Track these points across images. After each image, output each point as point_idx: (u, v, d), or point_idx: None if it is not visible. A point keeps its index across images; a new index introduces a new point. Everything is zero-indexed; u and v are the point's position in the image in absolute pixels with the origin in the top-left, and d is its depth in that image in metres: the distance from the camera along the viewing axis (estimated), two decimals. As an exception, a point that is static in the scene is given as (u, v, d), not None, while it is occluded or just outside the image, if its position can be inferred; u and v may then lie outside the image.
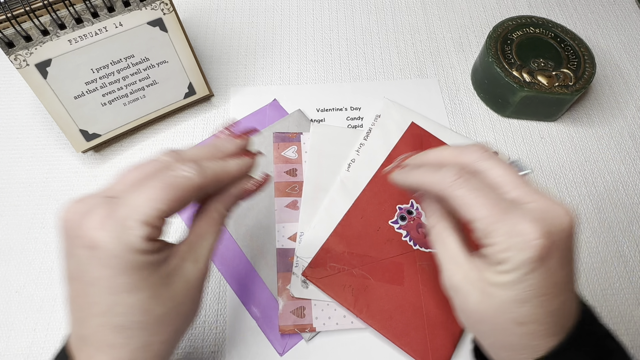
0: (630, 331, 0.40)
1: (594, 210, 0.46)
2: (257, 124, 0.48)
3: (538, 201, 0.25)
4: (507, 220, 0.24)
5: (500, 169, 0.26)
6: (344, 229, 0.42)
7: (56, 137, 0.47)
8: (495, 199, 0.25)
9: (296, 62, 0.54)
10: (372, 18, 0.58)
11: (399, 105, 0.50)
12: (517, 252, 0.24)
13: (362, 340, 0.39)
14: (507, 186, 0.26)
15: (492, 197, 0.25)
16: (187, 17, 0.56)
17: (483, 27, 0.57)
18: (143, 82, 0.44)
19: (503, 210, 0.24)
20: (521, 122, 0.50)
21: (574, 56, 0.49)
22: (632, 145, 0.50)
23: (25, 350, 0.38)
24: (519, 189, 0.25)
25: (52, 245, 0.42)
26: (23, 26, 0.36)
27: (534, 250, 0.23)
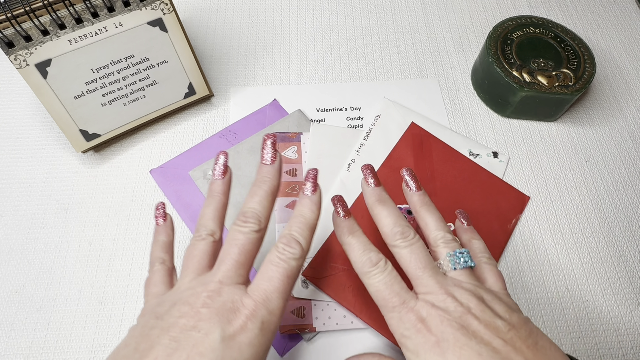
0: (630, 331, 0.40)
1: (594, 210, 0.46)
2: (257, 124, 0.48)
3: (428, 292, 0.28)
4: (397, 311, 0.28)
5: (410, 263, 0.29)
6: (344, 229, 0.42)
7: (56, 137, 0.47)
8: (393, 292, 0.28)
9: (296, 62, 0.54)
10: (372, 18, 0.58)
11: (399, 105, 0.50)
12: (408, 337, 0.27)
13: (362, 340, 0.39)
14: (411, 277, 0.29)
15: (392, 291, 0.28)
16: (187, 17, 0.56)
17: (483, 27, 0.57)
18: (143, 82, 0.44)
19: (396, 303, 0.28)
20: (521, 122, 0.50)
21: (574, 56, 0.49)
22: (632, 145, 0.50)
23: (25, 350, 0.38)
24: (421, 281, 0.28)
25: (52, 245, 0.42)
26: (23, 26, 0.36)
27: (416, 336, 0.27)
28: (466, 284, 0.28)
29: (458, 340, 0.25)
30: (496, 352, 0.25)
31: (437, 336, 0.26)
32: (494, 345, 0.25)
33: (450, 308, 0.26)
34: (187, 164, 0.45)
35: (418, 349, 0.26)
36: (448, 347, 0.25)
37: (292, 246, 0.28)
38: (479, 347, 0.25)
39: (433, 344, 0.26)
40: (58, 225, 0.43)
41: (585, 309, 0.41)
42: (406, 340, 0.27)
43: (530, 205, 0.46)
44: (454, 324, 0.26)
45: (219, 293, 0.26)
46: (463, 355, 0.25)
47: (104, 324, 0.39)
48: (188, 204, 0.43)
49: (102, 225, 0.43)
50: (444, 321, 0.26)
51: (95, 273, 0.41)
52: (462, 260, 0.29)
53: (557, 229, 0.45)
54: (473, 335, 0.25)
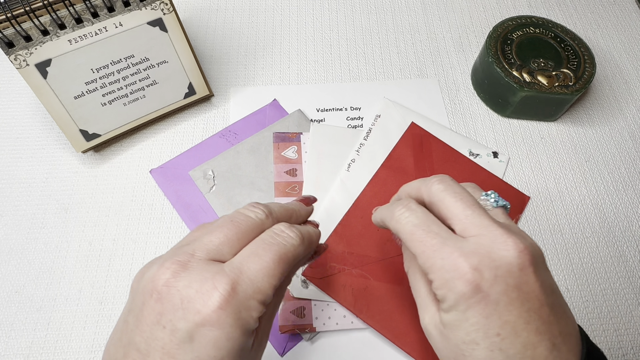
0: (630, 331, 0.40)
1: (594, 211, 0.46)
2: (257, 124, 0.48)
3: (483, 235, 0.24)
4: (440, 255, 0.23)
5: (456, 202, 0.25)
6: (344, 229, 0.42)
7: (56, 137, 0.47)
8: (434, 235, 0.24)
9: (296, 62, 0.54)
10: (372, 18, 0.58)
11: (399, 105, 0.50)
12: (450, 289, 0.23)
13: (362, 340, 0.39)
14: (456, 219, 0.25)
15: (431, 233, 0.24)
16: (187, 17, 0.56)
17: (483, 27, 0.57)
18: (143, 82, 0.44)
19: (438, 246, 0.24)
20: (521, 122, 0.50)
21: (574, 56, 0.49)
22: (632, 145, 0.50)
23: (25, 350, 0.38)
24: (468, 223, 0.24)
25: (52, 245, 0.42)
26: (23, 26, 0.36)
27: (463, 286, 0.22)
28: (513, 226, 0.25)
29: (511, 303, 0.22)
30: (543, 322, 0.23)
31: (488, 293, 0.22)
32: (542, 314, 0.23)
33: (507, 258, 0.23)
34: (187, 164, 0.45)
35: (460, 304, 0.23)
36: (497, 310, 0.22)
37: (292, 231, 0.24)
38: (529, 316, 0.22)
39: (480, 300, 0.22)
40: (58, 225, 0.43)
41: (586, 309, 0.41)
42: (446, 293, 0.23)
43: (530, 205, 0.46)
44: (510, 282, 0.22)
45: (185, 267, 0.21)
46: (509, 322, 0.22)
47: (104, 324, 0.39)
48: (188, 204, 0.43)
49: (102, 225, 0.43)
50: (499, 277, 0.22)
51: (95, 273, 0.41)
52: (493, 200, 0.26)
53: (557, 229, 0.45)
54: (527, 299, 0.23)
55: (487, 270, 0.22)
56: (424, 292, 0.27)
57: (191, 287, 0.21)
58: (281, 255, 0.23)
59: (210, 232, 0.23)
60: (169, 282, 0.21)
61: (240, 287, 0.21)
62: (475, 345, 0.23)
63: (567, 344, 0.23)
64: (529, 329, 0.22)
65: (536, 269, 0.23)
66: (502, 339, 0.22)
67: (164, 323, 0.21)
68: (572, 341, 0.23)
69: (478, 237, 0.24)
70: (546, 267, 0.25)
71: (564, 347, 0.23)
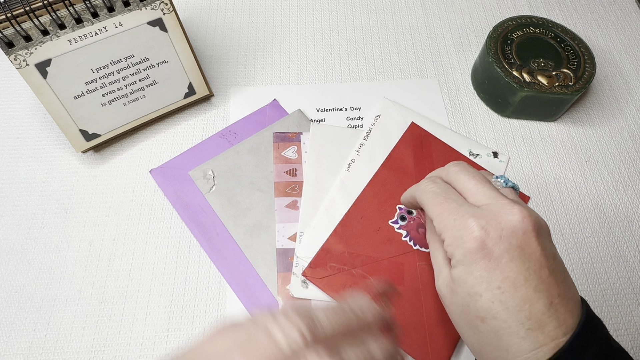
0: (630, 331, 0.40)
1: (594, 210, 0.46)
2: (257, 124, 0.48)
3: (493, 204, 0.27)
4: (455, 217, 0.27)
5: (469, 179, 0.29)
6: (344, 229, 0.42)
7: (56, 137, 0.47)
8: (451, 201, 0.28)
9: (296, 62, 0.54)
10: (372, 18, 0.58)
11: (399, 105, 0.50)
12: (459, 245, 0.26)
13: (362, 340, 0.39)
14: (469, 192, 0.28)
15: (449, 200, 0.28)
16: (187, 17, 0.56)
17: (483, 27, 0.57)
18: (143, 82, 0.44)
19: (453, 209, 0.27)
20: (521, 122, 0.50)
21: (574, 56, 0.49)
22: (632, 145, 0.50)
23: (25, 350, 0.38)
24: (480, 194, 0.27)
25: (52, 245, 0.42)
26: (23, 26, 0.36)
27: (471, 242, 0.25)
28: (521, 202, 0.28)
29: (512, 260, 0.25)
30: (542, 282, 0.25)
31: (492, 250, 0.25)
32: (541, 274, 0.25)
33: (512, 222, 0.25)
34: (187, 164, 0.45)
35: (466, 258, 0.26)
36: (499, 265, 0.25)
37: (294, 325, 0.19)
38: (528, 274, 0.25)
39: (484, 255, 0.25)
40: (58, 225, 0.43)
41: (585, 309, 0.41)
42: (455, 249, 0.26)
43: (530, 205, 0.46)
44: (513, 242, 0.25)
45: None
46: (509, 278, 0.25)
47: (104, 324, 0.39)
48: (188, 204, 0.43)
49: (102, 225, 0.43)
50: (503, 237, 0.25)
51: (95, 273, 0.41)
52: (502, 180, 0.29)
53: (557, 229, 0.45)
54: (528, 259, 0.25)
55: (493, 230, 0.25)
56: (440, 258, 0.29)
57: None
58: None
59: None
60: None
61: None
62: (479, 296, 0.25)
63: (565, 306, 0.25)
64: (527, 285, 0.25)
65: (538, 235, 0.26)
66: (502, 292, 0.25)
67: None
68: (570, 305, 0.25)
69: (488, 205, 0.27)
70: (550, 238, 0.27)
71: (561, 307, 0.25)
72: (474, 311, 0.26)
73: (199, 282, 0.41)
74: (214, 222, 0.43)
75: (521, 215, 0.26)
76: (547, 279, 0.25)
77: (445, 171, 0.31)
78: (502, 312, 0.25)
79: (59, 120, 0.42)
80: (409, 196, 0.33)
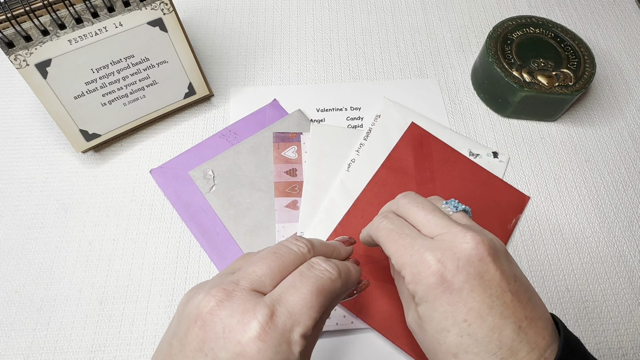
0: (630, 331, 0.40)
1: (594, 210, 0.46)
2: (257, 124, 0.48)
3: (446, 233, 0.26)
4: (410, 252, 0.26)
5: (419, 210, 0.28)
6: (344, 229, 0.42)
7: (56, 137, 0.47)
8: (405, 236, 0.27)
9: (296, 62, 0.54)
10: (372, 18, 0.58)
11: (399, 105, 0.50)
12: (419, 282, 0.25)
13: (362, 340, 0.39)
14: (421, 223, 0.28)
15: (403, 235, 0.27)
16: (187, 17, 0.56)
17: (483, 27, 0.57)
18: (143, 82, 0.44)
19: (408, 245, 0.26)
20: (521, 122, 0.50)
21: (574, 56, 0.49)
22: (632, 145, 0.50)
23: (25, 351, 0.38)
24: (432, 225, 0.27)
25: (52, 245, 0.42)
26: (23, 26, 0.36)
27: (429, 277, 0.25)
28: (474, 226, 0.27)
29: (473, 290, 0.24)
30: (506, 307, 0.24)
31: (452, 282, 0.24)
32: (505, 299, 0.24)
33: (466, 250, 0.25)
34: (187, 164, 0.45)
35: (428, 295, 0.25)
36: (461, 297, 0.24)
37: (329, 264, 0.25)
38: (492, 301, 0.24)
39: (445, 289, 0.24)
40: (58, 225, 0.43)
41: (585, 309, 0.41)
42: (416, 286, 0.25)
43: (530, 205, 0.46)
44: (471, 271, 0.24)
45: (229, 296, 0.22)
46: (474, 309, 0.24)
47: (104, 324, 0.39)
48: (188, 204, 0.43)
49: (102, 225, 0.43)
50: (461, 267, 0.24)
51: (95, 273, 0.41)
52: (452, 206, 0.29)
53: (557, 229, 0.45)
54: (489, 286, 0.24)
55: (449, 262, 0.25)
56: (406, 294, 0.28)
57: (233, 317, 0.21)
58: (318, 288, 0.23)
59: (255, 263, 0.24)
60: (213, 310, 0.22)
61: (279, 319, 0.22)
62: (447, 332, 0.25)
63: (534, 328, 0.25)
64: (493, 313, 0.24)
65: (495, 259, 0.25)
66: (469, 324, 0.24)
67: (206, 351, 0.21)
68: (539, 324, 0.25)
69: (441, 235, 0.26)
70: (509, 258, 0.27)
71: (530, 330, 0.24)
72: (445, 347, 0.25)
73: (199, 282, 0.41)
74: (214, 222, 0.43)
75: (474, 241, 0.25)
76: (511, 303, 0.24)
77: (395, 204, 0.30)
78: (472, 345, 0.24)
79: (59, 120, 0.42)
80: (366, 234, 0.32)
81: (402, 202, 0.30)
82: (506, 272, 0.25)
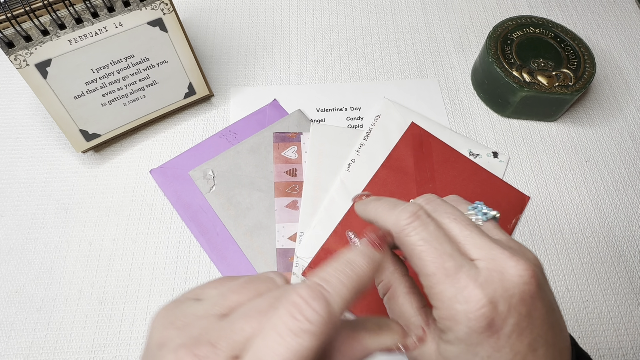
0: (630, 331, 0.40)
1: (594, 210, 0.46)
2: (257, 124, 0.48)
3: (488, 258, 0.22)
4: (453, 282, 0.21)
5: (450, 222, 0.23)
6: (344, 229, 0.42)
7: (56, 137, 0.47)
8: (446, 254, 0.22)
9: (296, 62, 0.54)
10: (372, 18, 0.58)
11: (399, 105, 0.50)
12: (460, 322, 0.21)
13: (362, 340, 0.39)
14: (455, 239, 0.23)
15: (443, 252, 0.22)
16: (187, 17, 0.56)
17: (483, 27, 0.57)
18: (143, 82, 0.44)
19: (451, 270, 0.21)
20: (521, 122, 0.50)
21: (574, 56, 0.49)
22: (632, 145, 0.50)
23: (25, 351, 0.38)
24: (469, 244, 0.23)
25: (52, 245, 0.42)
26: (23, 26, 0.36)
27: (478, 320, 0.21)
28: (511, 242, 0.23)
29: (522, 333, 0.21)
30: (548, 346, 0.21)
31: (502, 327, 0.21)
32: (547, 338, 0.21)
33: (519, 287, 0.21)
34: (187, 164, 0.45)
35: (470, 338, 0.21)
36: (508, 342, 0.21)
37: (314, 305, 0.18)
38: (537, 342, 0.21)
39: (492, 334, 0.21)
40: (58, 225, 0.43)
41: (585, 309, 0.41)
42: (455, 325, 0.21)
43: (530, 205, 0.46)
44: (522, 311, 0.21)
45: None
46: (520, 353, 0.21)
47: (104, 324, 0.39)
48: (188, 204, 0.43)
49: (102, 225, 0.43)
50: (512, 308, 0.21)
51: (95, 273, 0.41)
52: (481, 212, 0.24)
53: (557, 229, 0.45)
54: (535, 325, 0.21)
55: (502, 302, 0.21)
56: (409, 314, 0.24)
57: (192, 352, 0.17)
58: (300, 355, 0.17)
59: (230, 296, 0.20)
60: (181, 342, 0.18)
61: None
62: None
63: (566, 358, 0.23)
64: (536, 355, 0.21)
65: (541, 290, 0.22)
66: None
67: None
68: (567, 354, 0.23)
69: (484, 260, 0.22)
70: (547, 280, 0.24)
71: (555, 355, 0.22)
72: None
73: (199, 282, 0.41)
74: (214, 222, 0.43)
75: (527, 274, 0.21)
76: (552, 340, 0.22)
77: (429, 205, 0.25)
78: None
79: (59, 120, 0.42)
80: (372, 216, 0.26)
81: (434, 206, 0.24)
82: (547, 303, 0.22)
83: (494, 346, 0.21)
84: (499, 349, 0.21)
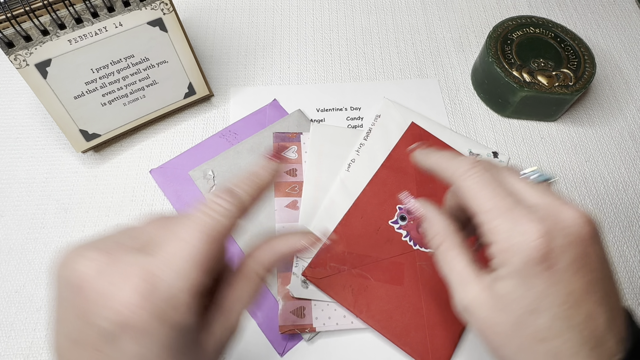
0: (630, 331, 0.40)
1: (594, 210, 0.46)
2: (257, 124, 0.48)
3: (549, 203, 0.23)
4: (510, 217, 0.23)
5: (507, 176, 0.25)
6: (344, 229, 0.42)
7: (56, 137, 0.47)
8: (504, 194, 0.23)
9: (296, 62, 0.54)
10: (372, 18, 0.58)
11: (399, 105, 0.50)
12: (516, 253, 0.22)
13: (362, 340, 0.39)
14: (515, 186, 0.24)
15: (501, 193, 0.23)
16: (187, 17, 0.56)
17: (483, 27, 0.57)
18: (143, 82, 0.44)
19: (508, 206, 0.23)
20: (521, 122, 0.50)
21: (574, 56, 0.49)
22: (632, 145, 0.50)
23: (25, 350, 0.38)
24: (532, 191, 0.24)
25: (52, 245, 0.42)
26: (23, 26, 0.36)
27: (533, 250, 0.21)
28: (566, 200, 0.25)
29: (577, 272, 0.22)
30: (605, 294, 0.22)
31: (557, 261, 0.21)
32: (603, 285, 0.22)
33: (577, 226, 0.22)
34: (187, 164, 0.45)
35: (525, 270, 0.22)
36: (563, 278, 0.21)
37: (225, 197, 0.22)
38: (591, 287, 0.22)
39: (547, 267, 0.21)
40: (58, 225, 0.43)
41: (585, 309, 0.41)
42: (511, 256, 0.22)
43: (530, 205, 0.46)
44: (579, 251, 0.22)
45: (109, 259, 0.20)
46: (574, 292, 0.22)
47: (104, 324, 0.39)
48: (188, 204, 0.43)
49: (102, 225, 0.43)
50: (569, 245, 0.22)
51: (95, 273, 0.41)
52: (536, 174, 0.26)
53: (557, 229, 0.45)
54: (590, 269, 0.22)
55: (558, 237, 0.22)
56: (462, 269, 0.25)
57: (113, 284, 0.19)
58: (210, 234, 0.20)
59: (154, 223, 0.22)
60: (91, 278, 0.19)
61: (162, 283, 0.19)
62: (538, 314, 0.22)
63: (621, 317, 0.23)
64: (591, 299, 0.22)
65: (598, 237, 0.23)
66: (566, 308, 0.22)
67: (89, 320, 0.19)
68: (621, 314, 0.23)
69: (544, 204, 0.23)
70: (603, 236, 0.24)
71: (618, 320, 0.23)
72: (531, 331, 0.22)
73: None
74: (214, 222, 0.43)
75: (585, 218, 0.22)
76: (608, 290, 0.23)
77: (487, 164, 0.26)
78: (565, 330, 0.22)
79: (59, 120, 0.42)
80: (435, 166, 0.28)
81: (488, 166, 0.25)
82: (603, 255, 0.23)
83: (549, 281, 0.21)
84: (553, 283, 0.21)
